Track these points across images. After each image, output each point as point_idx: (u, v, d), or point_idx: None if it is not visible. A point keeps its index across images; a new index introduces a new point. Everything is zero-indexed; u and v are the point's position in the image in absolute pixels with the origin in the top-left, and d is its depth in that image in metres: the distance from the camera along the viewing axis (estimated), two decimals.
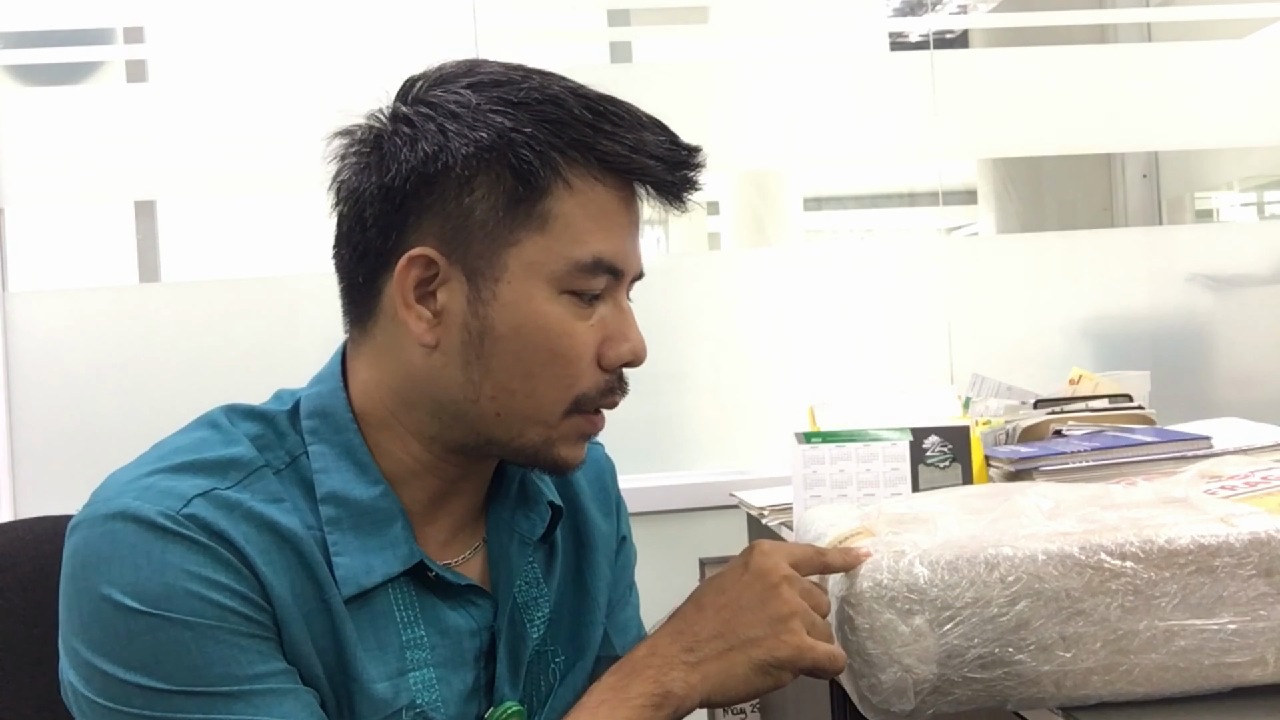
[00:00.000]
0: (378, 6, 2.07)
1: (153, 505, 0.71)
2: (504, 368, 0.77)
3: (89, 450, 1.89)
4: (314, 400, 0.81)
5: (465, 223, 0.76)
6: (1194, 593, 0.69)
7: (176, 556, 0.70)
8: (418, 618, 0.80)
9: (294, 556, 0.74)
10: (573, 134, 0.76)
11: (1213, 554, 0.69)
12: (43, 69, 2.04)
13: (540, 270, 0.77)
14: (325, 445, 0.79)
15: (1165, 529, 0.70)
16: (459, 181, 0.76)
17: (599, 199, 0.78)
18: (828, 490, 1.25)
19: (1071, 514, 0.75)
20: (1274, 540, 0.69)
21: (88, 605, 0.71)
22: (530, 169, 0.75)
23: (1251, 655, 0.68)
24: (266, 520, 0.74)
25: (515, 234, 0.76)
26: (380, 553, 0.78)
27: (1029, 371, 1.94)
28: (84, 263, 2.11)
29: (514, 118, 0.76)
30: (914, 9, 2.22)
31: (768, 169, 3.00)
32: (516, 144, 0.75)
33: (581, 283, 0.78)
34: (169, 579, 0.69)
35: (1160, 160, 2.54)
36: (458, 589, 0.82)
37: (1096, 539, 0.70)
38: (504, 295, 0.77)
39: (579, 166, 0.77)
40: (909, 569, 0.70)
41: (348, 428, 0.80)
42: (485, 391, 0.78)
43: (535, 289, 0.77)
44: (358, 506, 0.78)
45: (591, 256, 0.77)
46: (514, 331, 0.77)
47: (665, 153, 0.79)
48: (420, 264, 0.77)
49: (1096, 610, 0.68)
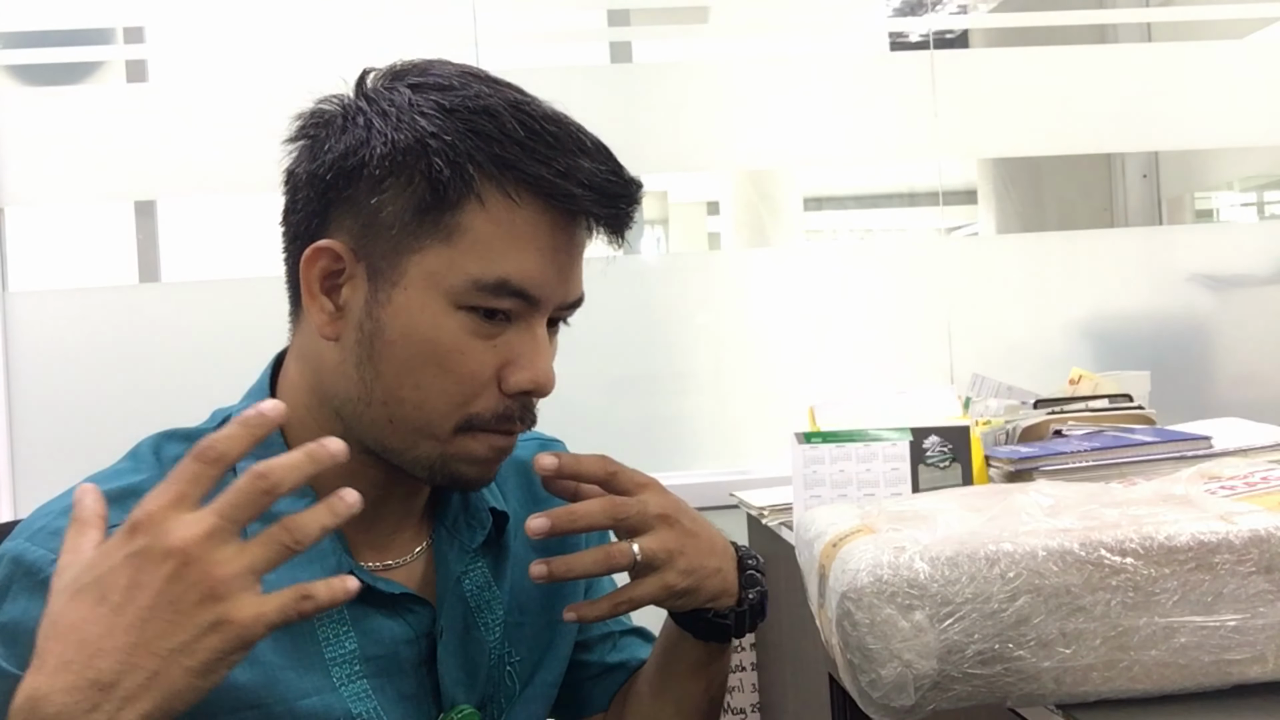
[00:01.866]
0: (378, 6, 2.07)
1: (40, 548, 0.71)
2: (393, 374, 0.76)
3: (89, 450, 1.88)
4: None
5: (374, 222, 0.75)
6: (1194, 589, 0.69)
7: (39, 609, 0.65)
8: (349, 630, 0.79)
9: None
10: (497, 149, 0.74)
11: (1213, 551, 0.69)
12: (43, 69, 2.04)
13: (439, 282, 0.75)
14: (250, 460, 0.73)
15: (1165, 526, 0.70)
16: (372, 179, 0.75)
17: (518, 220, 0.75)
18: (828, 490, 1.25)
19: (1072, 511, 0.75)
20: (1274, 537, 0.69)
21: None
22: (442, 178, 0.74)
23: (1251, 652, 0.68)
24: None
25: (420, 241, 0.75)
26: (307, 566, 0.75)
27: (1029, 371, 1.94)
28: (84, 263, 2.11)
29: (439, 124, 0.74)
30: (914, 9, 2.22)
31: (768, 169, 3.00)
32: (432, 150, 0.74)
33: (482, 301, 0.75)
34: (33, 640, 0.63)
35: (1160, 160, 2.54)
36: (391, 597, 0.81)
37: (1097, 535, 0.70)
38: (398, 300, 0.75)
39: (497, 184, 0.75)
40: (909, 564, 0.70)
41: (274, 442, 0.78)
42: (376, 395, 0.77)
43: (430, 300, 0.75)
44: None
45: (495, 277, 0.75)
46: (403, 338, 0.75)
47: (601, 182, 0.76)
48: (328, 256, 0.77)
49: (1096, 606, 0.68)
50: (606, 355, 2.03)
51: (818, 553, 0.82)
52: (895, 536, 0.73)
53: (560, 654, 0.94)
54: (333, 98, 0.81)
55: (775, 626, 1.57)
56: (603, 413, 2.04)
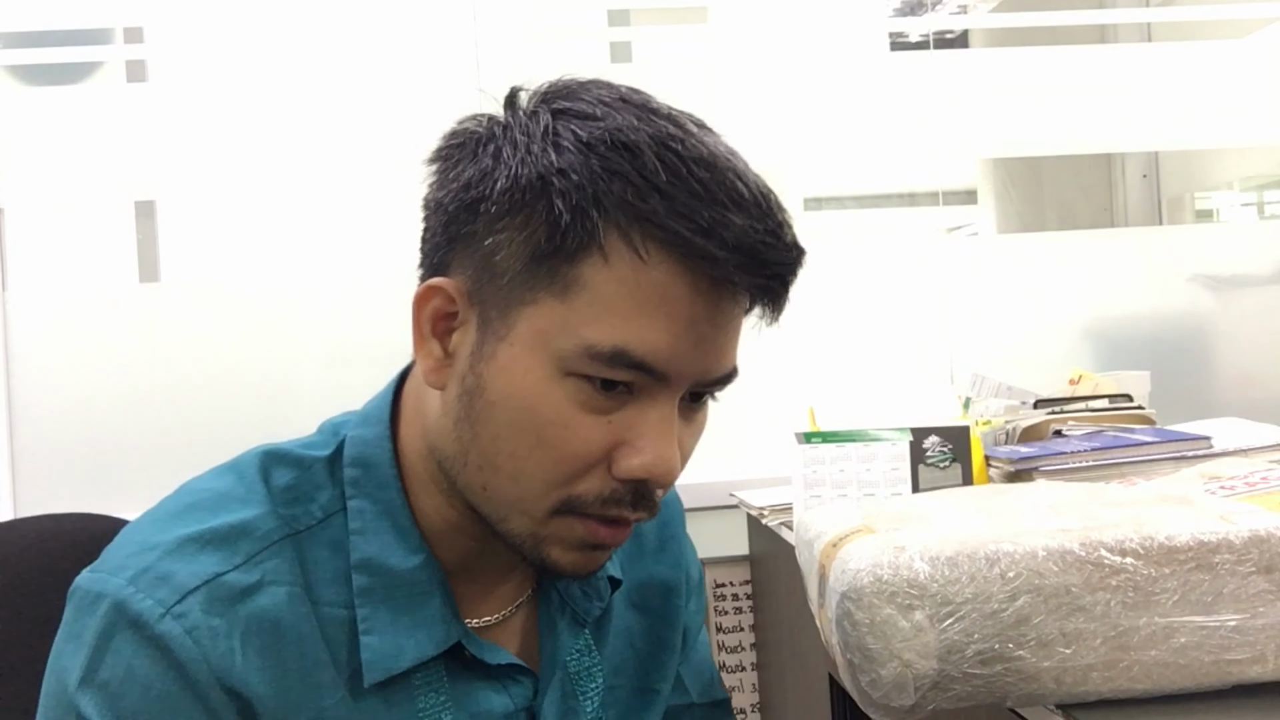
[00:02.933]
0: (378, 6, 2.07)
1: (146, 596, 0.65)
2: (489, 437, 0.67)
3: (89, 450, 1.89)
4: (358, 445, 0.73)
5: (489, 265, 0.67)
6: (1194, 589, 0.69)
7: (159, 679, 0.64)
8: (446, 702, 0.72)
9: (295, 659, 0.68)
10: (630, 195, 0.63)
11: (1213, 550, 0.69)
12: (43, 69, 2.04)
13: (549, 342, 0.65)
14: (366, 500, 0.71)
15: (1165, 525, 0.70)
16: (489, 216, 0.66)
17: (645, 282, 0.64)
18: (828, 490, 1.25)
19: (1072, 511, 0.75)
20: (1274, 537, 0.69)
21: (60, 701, 0.67)
22: (561, 222, 0.63)
23: (1251, 652, 0.68)
24: (269, 619, 0.67)
25: (534, 293, 0.65)
26: (414, 632, 0.70)
27: (1029, 371, 1.94)
28: (84, 263, 2.10)
29: (571, 159, 0.64)
30: (914, 9, 2.22)
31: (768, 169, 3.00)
32: (555, 190, 0.64)
33: (596, 370, 0.65)
34: (145, 703, 0.64)
35: (1160, 160, 2.54)
36: (497, 670, 0.75)
37: (1097, 535, 0.70)
38: (503, 357, 0.66)
39: (624, 235, 0.63)
40: (909, 564, 0.69)
41: (390, 484, 0.72)
42: (472, 458, 0.68)
43: (537, 361, 0.65)
44: (395, 577, 0.70)
45: (612, 345, 0.64)
46: (503, 400, 0.66)
47: (753, 244, 0.64)
48: (441, 296, 0.69)
49: (1096, 606, 0.68)
50: None
51: (818, 553, 0.82)
52: (895, 536, 0.73)
53: (655, 713, 0.88)
54: (480, 116, 0.72)
55: (775, 626, 1.57)
56: None
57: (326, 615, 0.69)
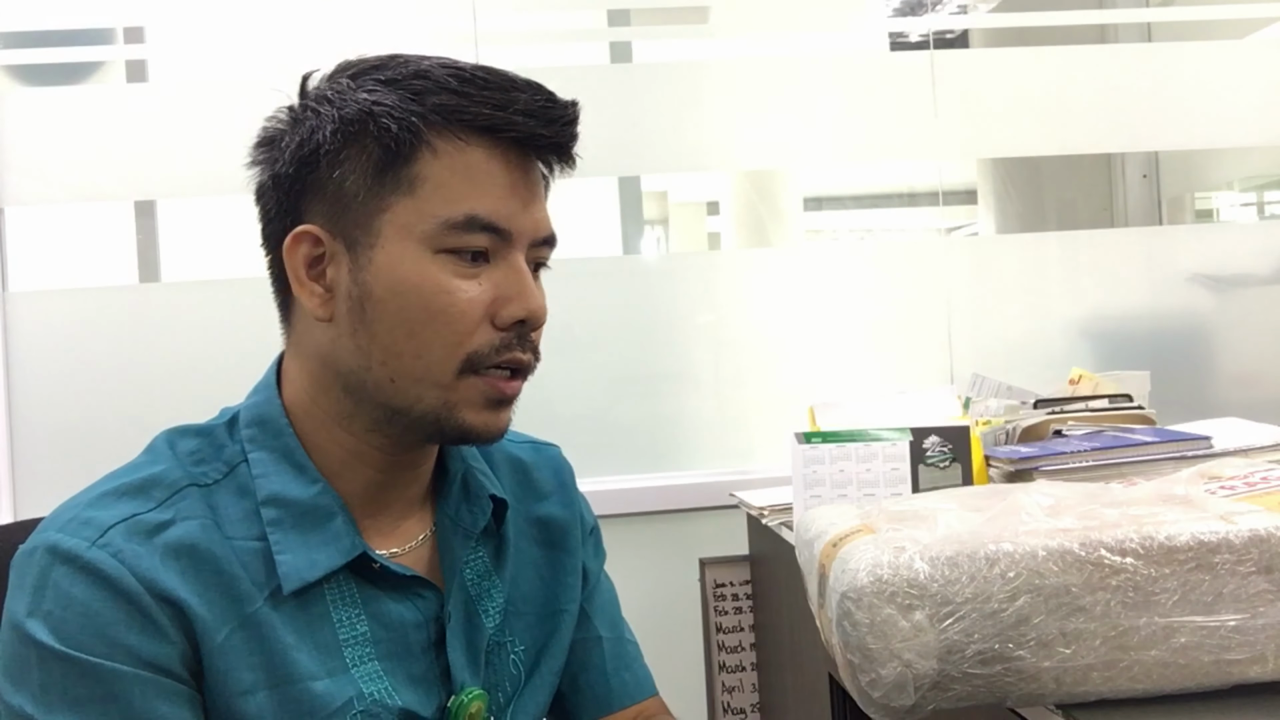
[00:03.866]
0: (378, 7, 2.07)
1: (72, 537, 0.75)
2: (386, 330, 0.79)
3: (89, 450, 1.89)
4: (251, 410, 0.85)
5: (340, 195, 0.80)
6: (1194, 589, 0.69)
7: (96, 599, 0.73)
8: (360, 613, 0.82)
9: (213, 575, 0.77)
10: (435, 100, 0.79)
11: (1213, 550, 0.69)
12: (43, 69, 2.04)
13: (412, 231, 0.79)
14: (264, 451, 0.82)
15: (1165, 525, 0.70)
16: (329, 157, 0.79)
17: (471, 160, 0.79)
18: (828, 490, 1.26)
19: (1072, 511, 0.75)
20: (1274, 537, 0.69)
21: (12, 639, 0.74)
22: (392, 136, 0.78)
23: (1251, 653, 0.68)
24: (185, 544, 0.77)
25: (385, 200, 0.79)
26: (323, 548, 0.80)
27: (1029, 371, 1.94)
28: (84, 263, 2.10)
29: (379, 94, 0.79)
30: (914, 9, 2.22)
31: (768, 169, 3.00)
32: (378, 115, 0.78)
33: (456, 240, 0.79)
34: (86, 621, 0.73)
35: (1160, 160, 2.54)
36: (402, 580, 0.84)
37: (1096, 535, 0.70)
38: (378, 259, 0.79)
39: (443, 130, 0.79)
40: (909, 564, 0.70)
41: (284, 431, 0.83)
42: (375, 357, 0.80)
43: (408, 250, 0.79)
44: (298, 506, 0.81)
45: (464, 215, 0.79)
46: (390, 293, 0.78)
47: (539, 108, 0.80)
48: (307, 241, 0.81)
49: (1096, 606, 0.68)
50: (606, 355, 2.03)
51: (818, 553, 0.82)
52: (895, 536, 0.73)
53: (562, 644, 0.97)
54: (277, 112, 0.85)
55: (775, 626, 1.57)
56: (603, 413, 2.04)
57: (239, 546, 0.79)
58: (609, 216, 2.31)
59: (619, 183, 2.29)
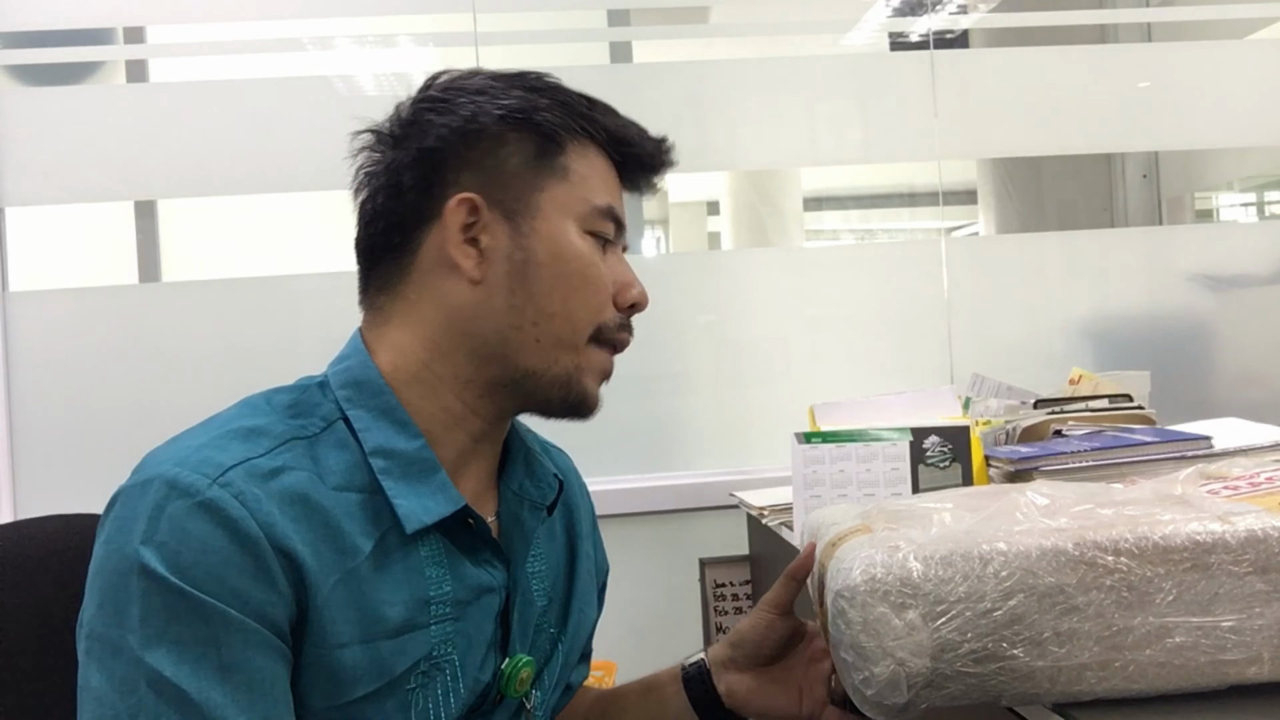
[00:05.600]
0: (378, 7, 2.07)
1: (192, 472, 0.75)
2: (544, 293, 0.86)
3: (89, 450, 1.89)
4: (343, 374, 0.87)
5: (501, 173, 0.87)
6: (1189, 590, 0.68)
7: (214, 538, 0.73)
8: (447, 573, 0.84)
9: (322, 527, 0.78)
10: (578, 110, 0.89)
11: (1208, 551, 0.69)
12: (43, 69, 2.04)
13: (568, 210, 0.88)
14: (362, 410, 0.85)
15: (1161, 525, 0.70)
16: (493, 138, 0.87)
17: (600, 164, 0.90)
18: (828, 490, 1.26)
19: (1067, 511, 0.75)
20: (1270, 538, 0.69)
21: (118, 567, 0.73)
22: (552, 129, 0.87)
23: (1248, 653, 0.68)
24: (298, 493, 0.77)
25: (543, 181, 0.87)
26: (432, 496, 0.83)
27: (1029, 371, 1.94)
28: (84, 263, 2.11)
29: (531, 94, 0.89)
30: (914, 9, 2.22)
31: (768, 169, 3.00)
32: (539, 109, 0.87)
33: (599, 225, 0.89)
34: (201, 558, 0.72)
35: (1160, 160, 2.54)
36: (481, 545, 0.87)
37: (1091, 535, 0.70)
38: (541, 229, 0.87)
39: (584, 135, 0.89)
40: (903, 563, 0.70)
41: (383, 391, 0.86)
42: (528, 316, 0.86)
43: (567, 225, 0.87)
44: (405, 457, 0.83)
45: (606, 204, 0.89)
46: (552, 258, 0.86)
47: (646, 137, 0.93)
48: (466, 207, 0.86)
49: (1091, 606, 0.68)
50: None
51: (819, 553, 0.82)
52: (890, 535, 0.73)
53: (577, 644, 1.01)
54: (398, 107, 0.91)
55: None
56: (603, 413, 2.03)
57: (343, 499, 0.80)
58: None
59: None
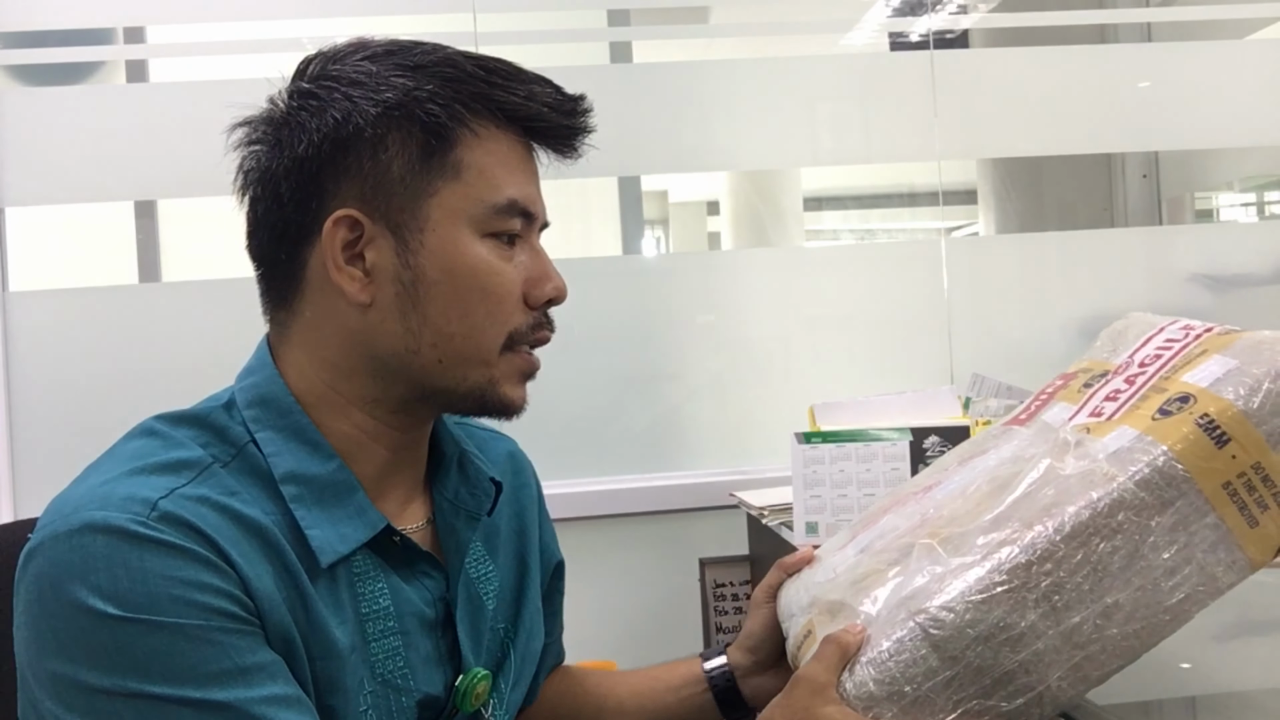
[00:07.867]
0: (378, 7, 2.07)
1: (119, 512, 0.69)
2: (440, 312, 0.79)
3: (89, 450, 1.87)
4: (250, 391, 0.82)
5: (383, 180, 0.79)
6: (1111, 558, 0.68)
7: (155, 562, 0.68)
8: (384, 587, 0.81)
9: (261, 546, 0.74)
10: (470, 88, 0.80)
11: (1109, 515, 0.68)
12: (43, 69, 2.04)
13: (461, 215, 0.80)
14: (272, 431, 0.80)
15: (1055, 515, 0.69)
16: (372, 141, 0.78)
17: (503, 147, 0.81)
18: (827, 490, 1.26)
19: (957, 545, 0.74)
20: (1156, 473, 0.69)
21: (65, 621, 0.68)
22: (438, 122, 0.79)
23: (1196, 581, 0.68)
24: (231, 512, 0.73)
25: (432, 184, 0.79)
26: (349, 521, 0.79)
27: (1029, 371, 1.94)
28: (84, 263, 2.11)
29: (414, 79, 0.79)
30: (914, 9, 2.22)
31: (768, 169, 3.00)
32: (422, 100, 0.79)
33: (500, 224, 0.81)
34: (151, 585, 0.68)
35: (1160, 160, 2.54)
36: (414, 559, 0.84)
37: (997, 562, 0.69)
38: (430, 243, 0.79)
39: (481, 117, 0.80)
40: (860, 684, 0.71)
41: (292, 410, 0.81)
42: (425, 339, 0.80)
43: (459, 233, 0.80)
44: (317, 482, 0.79)
45: (506, 199, 0.81)
46: (446, 275, 0.79)
47: (555, 102, 0.83)
48: (345, 224, 0.79)
49: (1031, 627, 0.68)
50: (606, 355, 2.03)
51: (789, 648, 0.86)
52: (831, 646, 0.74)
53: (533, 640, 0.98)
54: (273, 97, 0.85)
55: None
56: (603, 413, 2.04)
57: (269, 522, 0.76)
58: (609, 216, 2.31)
59: (619, 183, 2.29)
